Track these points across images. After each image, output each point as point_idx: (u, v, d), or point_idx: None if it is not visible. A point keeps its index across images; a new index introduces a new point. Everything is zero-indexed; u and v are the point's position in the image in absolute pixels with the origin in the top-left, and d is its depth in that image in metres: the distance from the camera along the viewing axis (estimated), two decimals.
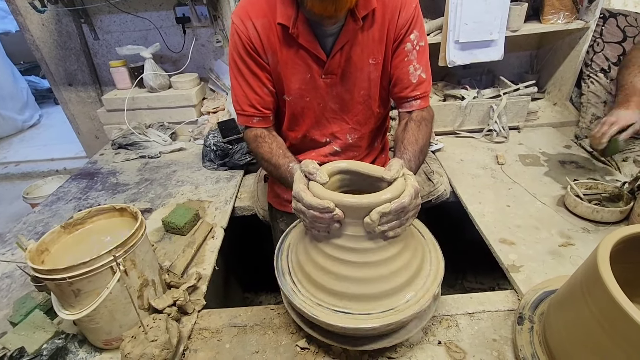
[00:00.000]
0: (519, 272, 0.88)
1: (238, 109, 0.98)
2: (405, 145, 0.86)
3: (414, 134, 0.89)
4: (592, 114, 1.46)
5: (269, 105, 0.98)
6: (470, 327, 0.79)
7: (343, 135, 1.05)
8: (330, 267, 0.68)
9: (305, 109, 1.01)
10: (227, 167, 1.49)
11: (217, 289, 1.37)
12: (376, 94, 1.00)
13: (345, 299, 0.68)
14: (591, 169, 1.28)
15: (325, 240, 0.68)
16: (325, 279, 0.68)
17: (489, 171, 1.32)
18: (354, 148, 1.09)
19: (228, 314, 0.87)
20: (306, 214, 0.64)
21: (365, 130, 1.06)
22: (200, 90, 1.79)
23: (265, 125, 0.99)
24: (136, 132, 1.68)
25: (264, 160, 0.93)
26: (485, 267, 1.67)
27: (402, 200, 0.61)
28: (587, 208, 1.01)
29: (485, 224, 1.05)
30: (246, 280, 1.78)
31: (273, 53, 0.92)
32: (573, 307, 0.64)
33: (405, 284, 0.69)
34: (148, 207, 1.29)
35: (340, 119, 1.03)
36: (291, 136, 1.08)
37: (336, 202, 0.62)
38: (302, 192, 0.65)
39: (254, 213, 1.31)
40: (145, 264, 0.78)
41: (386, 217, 0.62)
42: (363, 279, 0.67)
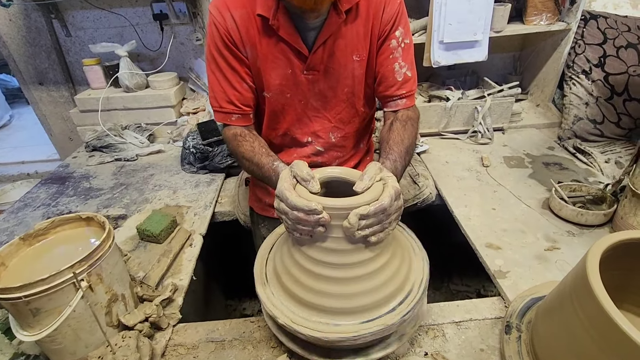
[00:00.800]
0: (505, 278, 0.86)
1: (215, 106, 0.93)
2: (390, 145, 0.83)
3: (399, 134, 0.85)
4: (575, 116, 1.47)
5: (248, 102, 0.93)
6: (457, 337, 0.77)
7: (325, 134, 1.01)
8: (312, 283, 0.64)
9: (286, 106, 0.96)
10: (207, 170, 1.44)
11: (197, 297, 1.32)
12: (360, 92, 0.97)
13: (328, 314, 0.64)
14: (574, 170, 1.28)
15: (307, 248, 0.65)
16: (308, 295, 0.65)
17: (474, 173, 1.31)
18: (337, 148, 1.05)
19: (205, 327, 0.82)
20: (289, 215, 0.60)
21: (349, 129, 1.02)
22: (179, 90, 1.73)
23: (244, 123, 0.94)
24: (111, 134, 1.61)
25: (245, 159, 0.87)
26: (471, 269, 1.67)
27: (381, 202, 0.58)
28: (572, 211, 1.00)
29: (471, 228, 1.03)
30: (228, 287, 1.73)
31: (252, 46, 0.88)
32: (561, 315, 0.62)
33: (391, 295, 0.66)
34: (122, 214, 1.22)
35: (323, 117, 0.99)
36: (272, 135, 1.03)
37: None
38: (287, 192, 0.61)
39: (235, 218, 1.27)
40: (113, 277, 0.73)
41: (366, 221, 0.59)
42: (347, 295, 0.63)
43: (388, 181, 0.62)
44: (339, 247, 0.62)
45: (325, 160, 1.05)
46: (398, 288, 0.67)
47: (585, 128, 1.45)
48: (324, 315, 0.64)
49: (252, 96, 0.94)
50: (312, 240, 0.64)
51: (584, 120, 1.46)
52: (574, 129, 1.46)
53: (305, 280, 0.65)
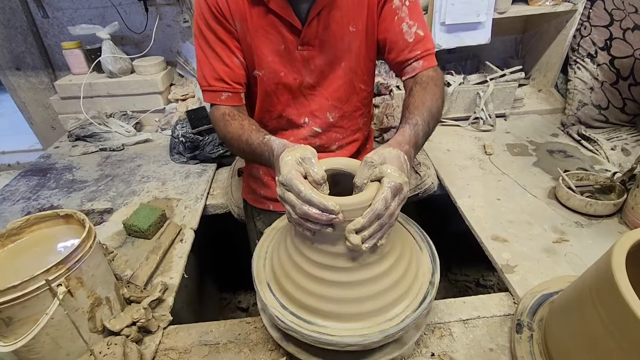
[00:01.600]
0: (513, 273, 0.83)
1: (204, 85, 0.85)
2: (410, 110, 0.72)
3: (419, 97, 0.75)
4: (579, 101, 1.42)
5: (239, 79, 0.85)
6: (465, 336, 0.73)
7: (322, 113, 0.94)
8: (314, 288, 0.59)
9: (280, 86, 0.89)
10: (197, 160, 1.37)
11: (190, 292, 1.27)
12: (359, 67, 0.90)
13: (331, 319, 0.59)
14: (579, 158, 1.24)
15: (309, 249, 0.59)
16: (310, 299, 0.60)
17: (477, 162, 1.26)
18: (335, 129, 0.98)
19: (198, 329, 0.77)
20: (296, 209, 0.53)
21: (348, 108, 0.96)
22: (166, 76, 1.64)
23: (235, 103, 0.86)
24: (95, 123, 1.52)
25: (234, 139, 0.78)
26: (469, 258, 1.64)
27: (373, 209, 0.52)
28: (580, 201, 0.96)
29: (476, 220, 0.99)
30: (223, 280, 1.68)
31: (242, 19, 0.80)
32: (580, 314, 0.58)
33: (399, 298, 0.61)
34: (108, 207, 1.16)
35: (319, 95, 0.92)
36: (266, 118, 0.96)
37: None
38: (298, 183, 0.53)
39: (228, 211, 1.21)
40: (96, 280, 0.67)
41: (365, 232, 0.53)
42: (352, 300, 0.59)
43: (384, 178, 0.54)
44: (342, 251, 0.57)
45: (324, 142, 0.99)
46: (407, 290, 0.62)
47: (590, 114, 1.41)
48: (328, 319, 0.59)
49: (244, 73, 0.86)
50: (314, 240, 0.58)
51: (589, 106, 1.41)
52: (578, 115, 1.41)
53: (307, 283, 0.60)
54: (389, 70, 1.55)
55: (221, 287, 1.73)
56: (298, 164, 0.56)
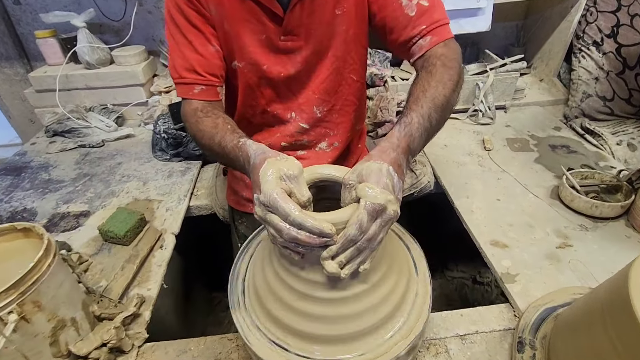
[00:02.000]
0: (514, 283, 0.77)
1: (175, 77, 0.76)
2: (408, 104, 0.61)
3: (421, 84, 0.63)
4: (583, 92, 1.35)
5: (214, 70, 0.76)
6: (462, 353, 0.68)
7: (309, 107, 0.86)
8: (297, 304, 0.53)
9: (263, 80, 0.81)
10: (181, 157, 1.30)
11: (177, 294, 1.21)
12: (347, 55, 0.82)
13: (318, 343, 0.54)
14: (583, 153, 1.18)
15: (295, 268, 0.53)
16: (292, 319, 0.54)
17: (475, 158, 1.20)
18: (324, 124, 0.90)
19: (176, 347, 0.72)
20: (283, 233, 0.46)
21: (337, 101, 0.88)
22: (148, 66, 1.54)
23: (209, 97, 0.76)
24: (73, 117, 1.44)
25: (205, 139, 0.69)
26: (466, 254, 1.60)
27: (345, 234, 0.46)
28: (586, 203, 0.90)
29: (474, 223, 0.93)
30: (212, 278, 1.63)
31: (217, 3, 0.72)
32: (588, 333, 0.53)
33: (390, 314, 0.55)
34: (84, 210, 1.09)
35: (306, 87, 0.84)
36: (249, 113, 0.88)
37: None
38: (285, 204, 0.45)
39: (214, 212, 1.14)
40: (58, 300, 0.61)
41: (341, 257, 0.47)
42: (337, 317, 0.53)
43: (361, 199, 0.47)
44: (321, 279, 0.51)
45: (312, 139, 0.92)
46: (399, 302, 0.56)
47: (594, 106, 1.34)
48: (319, 344, 0.54)
49: (220, 64, 0.77)
50: (296, 265, 0.52)
51: (593, 97, 1.34)
52: (582, 107, 1.35)
53: (291, 300, 0.54)
54: (384, 59, 1.46)
55: (211, 286, 1.69)
56: (281, 180, 0.49)
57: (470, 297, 1.58)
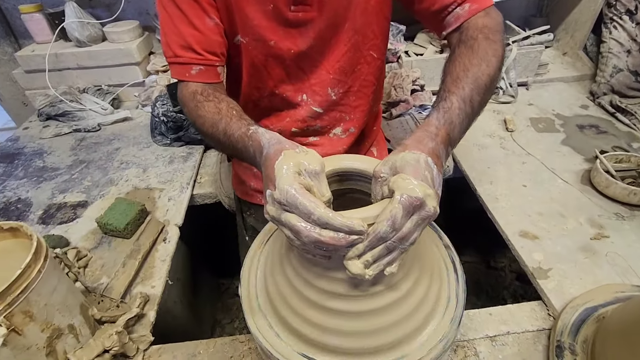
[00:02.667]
0: (547, 279, 0.71)
1: (169, 56, 0.68)
2: (446, 85, 0.54)
3: (462, 62, 0.55)
4: (614, 66, 1.25)
5: (214, 48, 0.67)
6: (493, 357, 0.63)
7: (323, 89, 0.77)
8: (319, 318, 0.47)
9: (271, 57, 0.72)
10: (182, 142, 1.22)
11: (184, 282, 1.17)
12: (367, 28, 0.72)
13: (342, 355, 0.48)
14: (614, 134, 1.09)
15: (316, 271, 0.47)
16: (315, 333, 0.48)
17: (497, 140, 1.11)
18: (339, 107, 0.81)
19: (184, 351, 0.67)
20: (303, 235, 0.39)
21: (353, 82, 0.78)
22: (144, 43, 1.44)
23: (209, 79, 0.68)
24: (66, 100, 1.35)
25: (207, 126, 0.62)
26: (478, 239, 1.54)
27: (375, 231, 0.39)
28: (623, 189, 0.83)
29: (500, 213, 0.86)
30: (219, 265, 1.59)
31: None
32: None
33: (422, 325, 0.50)
34: (82, 200, 1.03)
35: (320, 66, 0.75)
36: (255, 96, 0.79)
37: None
38: (307, 201, 0.39)
39: (219, 201, 1.08)
40: (52, 308, 0.55)
41: (367, 256, 0.41)
42: (364, 332, 0.47)
43: (395, 192, 0.40)
44: (344, 277, 0.45)
45: (326, 124, 0.83)
46: (431, 311, 0.51)
47: (625, 81, 1.24)
48: (335, 356, 0.48)
49: (221, 40, 0.68)
50: (324, 268, 0.46)
51: (624, 72, 1.24)
52: (612, 82, 1.25)
53: (310, 313, 0.48)
54: (397, 33, 1.35)
55: (219, 273, 1.65)
56: (300, 175, 0.42)
57: (484, 283, 1.54)
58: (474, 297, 1.54)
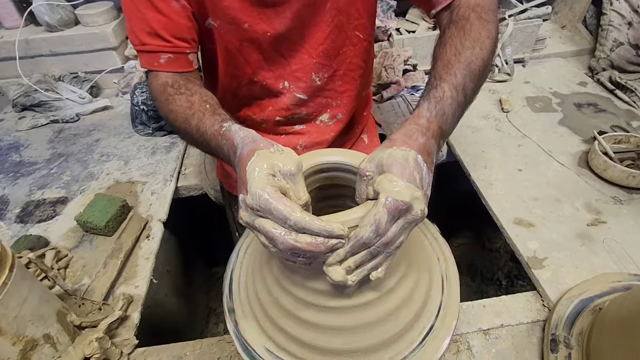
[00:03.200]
0: (543, 268, 0.69)
1: (135, 43, 0.62)
2: (437, 71, 0.50)
3: (453, 46, 0.51)
4: (614, 40, 1.19)
5: (182, 33, 0.62)
6: (487, 351, 0.61)
7: (306, 74, 0.72)
8: (298, 332, 0.45)
9: (246, 42, 0.66)
10: (165, 131, 1.17)
11: (174, 275, 1.15)
12: (351, 6, 0.67)
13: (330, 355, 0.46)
14: (613, 112, 1.05)
15: (296, 276, 0.44)
16: (298, 331, 0.46)
17: (492, 122, 1.07)
18: (324, 93, 0.76)
19: (170, 353, 0.65)
20: (278, 242, 0.36)
21: (339, 65, 0.73)
22: (120, 26, 1.35)
23: (180, 68, 0.63)
24: (41, 90, 1.28)
25: (179, 122, 0.57)
26: (472, 220, 1.53)
27: (357, 236, 0.37)
28: (622, 172, 0.80)
29: (494, 199, 0.83)
30: (211, 253, 1.57)
31: None
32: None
33: (413, 320, 0.47)
34: (62, 197, 0.98)
35: (301, 50, 0.70)
36: (233, 84, 0.74)
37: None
38: (282, 205, 0.36)
39: (205, 192, 1.04)
40: (24, 320, 0.52)
41: (348, 262, 0.38)
42: (351, 328, 0.45)
43: (380, 194, 0.37)
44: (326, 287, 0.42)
45: (312, 111, 0.78)
46: (421, 306, 0.48)
47: (625, 56, 1.19)
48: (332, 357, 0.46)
49: (189, 24, 0.62)
50: (303, 273, 0.43)
51: (625, 46, 1.19)
52: (612, 57, 1.20)
53: (289, 324, 0.46)
54: (388, 9, 1.28)
55: (211, 261, 1.63)
56: (273, 177, 0.39)
57: (478, 264, 1.54)
58: (468, 278, 1.54)
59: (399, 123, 1.11)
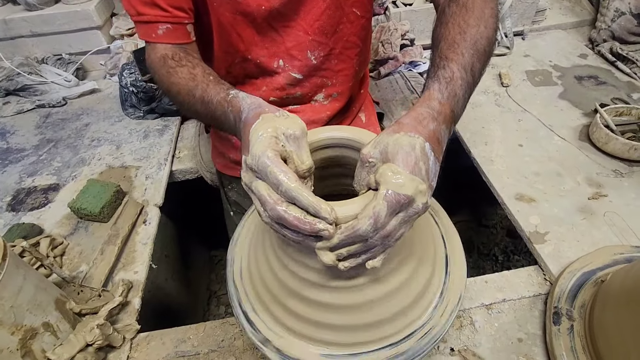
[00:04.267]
0: (544, 243, 0.69)
1: (132, 14, 0.61)
2: (442, 51, 0.47)
3: (457, 25, 0.49)
4: (616, 10, 1.16)
5: (180, 2, 0.60)
6: (489, 325, 0.62)
7: (302, 52, 0.70)
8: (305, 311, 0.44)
9: (239, 15, 0.64)
10: (157, 114, 1.13)
11: (173, 260, 1.14)
12: None
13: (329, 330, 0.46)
14: (614, 85, 1.04)
15: (291, 260, 0.44)
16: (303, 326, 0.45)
17: (492, 97, 1.05)
18: (321, 72, 0.74)
19: (173, 337, 0.65)
20: (267, 207, 0.36)
21: (335, 44, 0.71)
22: (103, 3, 1.29)
23: (178, 40, 0.62)
24: (24, 73, 1.23)
25: (182, 94, 0.56)
26: (469, 196, 1.53)
27: (353, 228, 0.35)
28: (623, 145, 0.79)
29: (496, 175, 0.82)
30: (210, 237, 1.56)
31: None
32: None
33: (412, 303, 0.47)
34: (53, 183, 0.96)
35: (296, 26, 0.68)
36: (227, 62, 0.72)
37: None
38: (277, 169, 0.35)
39: (200, 176, 1.02)
40: (21, 309, 0.51)
41: (342, 251, 0.37)
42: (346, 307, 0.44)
43: (380, 185, 0.36)
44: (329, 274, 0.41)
45: (307, 91, 0.76)
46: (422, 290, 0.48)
47: (627, 26, 1.16)
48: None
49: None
50: (299, 251, 0.42)
51: (627, 16, 1.16)
52: (613, 27, 1.17)
53: (296, 305, 0.45)
54: None
55: (210, 245, 1.63)
56: (277, 140, 0.38)
57: (475, 241, 1.55)
58: (466, 255, 1.55)
59: (398, 100, 1.09)
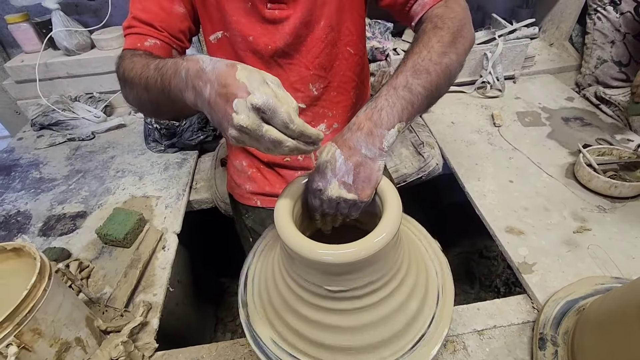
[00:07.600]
0: (532, 273, 0.75)
1: (125, 27, 0.68)
2: (396, 72, 0.54)
3: (417, 47, 0.56)
4: (598, 57, 1.27)
5: (174, 30, 0.67)
6: (481, 350, 0.66)
7: (304, 85, 0.80)
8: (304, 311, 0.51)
9: (249, 52, 0.74)
10: (176, 148, 1.24)
11: (184, 286, 1.20)
12: (342, 25, 0.75)
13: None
14: (598, 126, 1.12)
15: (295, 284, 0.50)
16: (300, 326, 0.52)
17: (485, 136, 1.14)
18: (322, 103, 0.83)
19: (187, 355, 0.70)
20: (283, 144, 0.43)
21: (333, 77, 0.81)
22: None
23: (161, 54, 0.66)
24: (58, 109, 1.36)
25: (137, 69, 0.56)
26: (470, 228, 1.58)
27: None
28: (605, 183, 0.86)
29: (487, 209, 0.89)
30: (219, 265, 1.62)
31: None
32: (622, 332, 0.50)
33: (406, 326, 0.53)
34: (81, 211, 1.05)
35: (298, 63, 0.77)
36: None
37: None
38: (282, 108, 0.41)
39: (215, 206, 1.10)
40: (59, 323, 0.58)
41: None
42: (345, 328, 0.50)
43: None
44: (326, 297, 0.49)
45: (310, 120, 0.85)
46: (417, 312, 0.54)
47: (609, 72, 1.26)
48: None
49: (184, 29, 0.70)
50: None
51: (608, 63, 1.26)
52: (596, 73, 1.27)
53: (300, 325, 0.51)
54: (385, 30, 1.36)
55: (219, 272, 1.68)
56: (269, 85, 0.42)
57: (476, 272, 1.59)
58: (467, 286, 1.58)
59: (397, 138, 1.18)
